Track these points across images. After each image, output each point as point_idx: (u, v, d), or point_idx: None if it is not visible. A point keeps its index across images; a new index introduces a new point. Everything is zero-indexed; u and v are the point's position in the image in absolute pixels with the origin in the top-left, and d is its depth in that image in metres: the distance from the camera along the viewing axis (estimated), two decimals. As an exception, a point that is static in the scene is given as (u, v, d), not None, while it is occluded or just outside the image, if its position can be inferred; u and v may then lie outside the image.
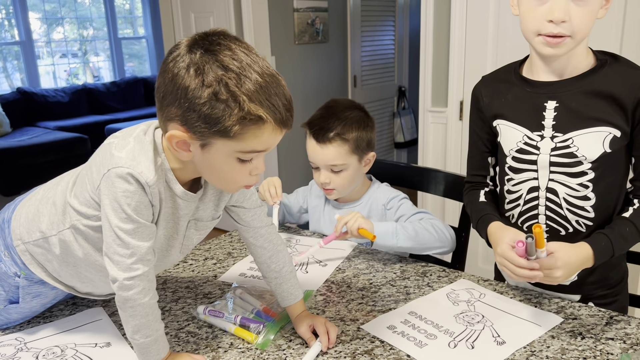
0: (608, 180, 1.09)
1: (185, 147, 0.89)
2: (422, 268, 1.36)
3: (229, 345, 1.06)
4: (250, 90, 0.82)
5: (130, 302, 0.91)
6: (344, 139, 1.45)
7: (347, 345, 1.04)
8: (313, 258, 1.44)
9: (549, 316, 1.10)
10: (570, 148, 1.08)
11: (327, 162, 1.47)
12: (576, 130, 1.07)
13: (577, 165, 1.09)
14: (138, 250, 0.90)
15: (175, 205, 0.98)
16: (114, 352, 1.05)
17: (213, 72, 0.81)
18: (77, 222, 0.98)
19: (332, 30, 4.13)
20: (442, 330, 1.07)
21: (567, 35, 1.00)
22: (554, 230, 1.16)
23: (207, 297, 1.26)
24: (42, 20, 6.94)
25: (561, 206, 1.13)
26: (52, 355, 1.05)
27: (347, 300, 1.22)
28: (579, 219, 1.13)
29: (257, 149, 0.88)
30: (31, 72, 6.64)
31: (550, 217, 1.15)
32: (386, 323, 1.10)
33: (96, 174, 0.92)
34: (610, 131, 1.05)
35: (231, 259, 1.46)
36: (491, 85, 1.21)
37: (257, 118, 0.83)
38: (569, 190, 1.11)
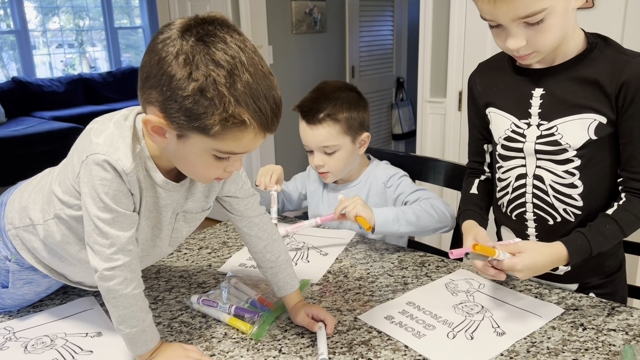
0: (596, 169, 1.07)
1: (161, 133, 0.84)
2: (420, 258, 1.34)
3: (222, 335, 1.03)
4: (239, 92, 0.78)
5: (112, 293, 0.88)
6: (334, 119, 1.43)
7: (344, 336, 1.02)
8: (312, 246, 1.41)
9: (550, 307, 1.08)
10: (555, 136, 1.06)
11: (319, 144, 1.45)
12: (560, 117, 1.05)
13: (562, 152, 1.07)
14: (118, 240, 0.87)
15: (156, 195, 0.94)
16: (104, 342, 1.03)
17: (203, 66, 0.77)
18: (61, 212, 0.95)
19: (330, 20, 4.09)
20: (441, 320, 1.05)
21: (530, 52, 0.99)
22: (542, 219, 1.14)
23: (201, 286, 1.23)
24: (38, 10, 6.87)
25: (548, 194, 1.11)
26: (42, 344, 1.02)
27: (344, 290, 1.19)
28: (567, 207, 1.11)
29: (235, 151, 0.85)
30: (26, 61, 6.59)
31: (537, 206, 1.13)
32: (384, 313, 1.08)
33: (77, 160, 0.88)
34: (595, 118, 1.02)
35: (226, 249, 1.43)
36: (485, 73, 1.20)
37: (240, 122, 0.79)
38: (555, 177, 1.09)
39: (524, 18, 0.93)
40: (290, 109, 1.51)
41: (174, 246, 1.08)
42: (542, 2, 0.91)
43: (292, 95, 3.88)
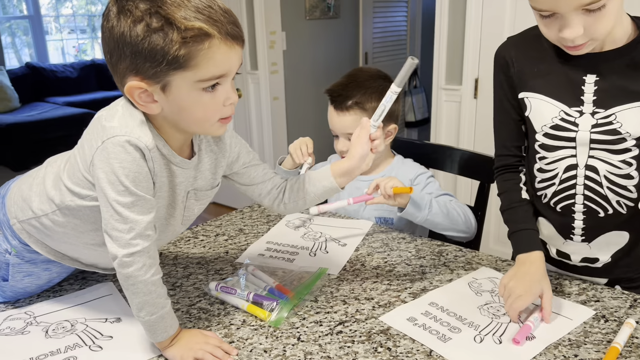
0: None
1: (150, 98, 0.85)
2: (437, 247, 1.33)
3: (241, 322, 1.04)
4: (181, 11, 0.79)
5: (132, 280, 0.88)
6: (362, 108, 1.41)
7: (362, 325, 1.02)
8: (331, 237, 1.40)
9: (579, 308, 1.04)
10: (613, 124, 1.00)
11: (344, 130, 1.44)
12: (619, 105, 0.99)
13: (621, 142, 1.01)
14: (137, 225, 0.87)
15: (171, 173, 0.95)
16: (124, 328, 1.03)
17: (139, 8, 0.79)
18: (72, 203, 0.95)
19: (344, 6, 4.05)
20: (467, 323, 1.01)
21: (587, 41, 0.93)
22: (592, 211, 1.08)
23: (218, 273, 1.23)
24: (51, -5, 6.87)
25: (601, 185, 1.06)
26: (62, 329, 1.03)
27: (361, 279, 1.19)
28: (620, 199, 1.05)
29: (216, 74, 0.84)
30: (40, 47, 6.61)
31: (589, 197, 1.07)
32: (406, 315, 1.04)
33: (88, 149, 0.88)
34: None
35: (243, 235, 1.43)
36: (522, 51, 1.10)
37: (200, 34, 0.79)
38: (610, 167, 1.04)
39: (588, 5, 0.87)
40: (323, 92, 1.50)
41: (186, 225, 1.08)
42: None
43: (305, 81, 3.87)
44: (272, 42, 3.56)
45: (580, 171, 1.07)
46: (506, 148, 1.20)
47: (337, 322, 1.03)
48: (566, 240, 1.15)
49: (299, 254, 1.31)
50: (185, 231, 1.47)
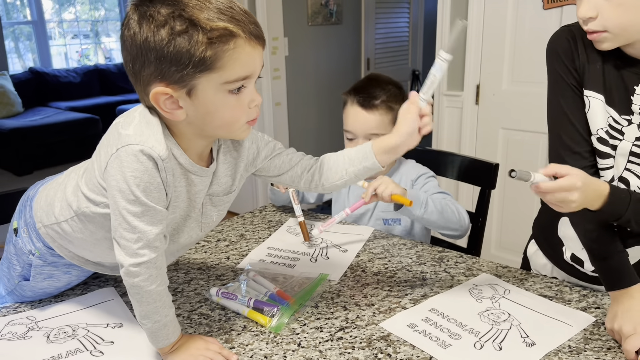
0: None
1: (175, 105, 0.84)
2: (438, 253, 1.33)
3: (242, 328, 1.04)
4: (204, 12, 0.79)
5: (137, 289, 0.89)
6: (389, 107, 1.44)
7: (363, 331, 1.02)
8: (332, 244, 1.41)
9: (579, 315, 1.04)
10: None
11: (369, 130, 1.44)
12: None
13: None
14: (145, 236, 0.87)
15: (189, 182, 0.94)
16: (125, 333, 1.04)
17: (161, 13, 0.79)
18: (87, 209, 0.95)
19: (346, 12, 4.07)
20: (467, 329, 1.01)
21: (601, 30, 0.90)
22: None
23: (219, 279, 1.24)
24: (54, 0, 6.91)
25: None
26: (64, 334, 1.03)
27: (362, 285, 1.19)
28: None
29: (242, 75, 0.83)
30: (43, 52, 6.64)
31: None
32: (406, 321, 1.05)
33: (104, 155, 0.88)
34: None
35: (244, 241, 1.44)
36: (584, 44, 1.00)
37: (225, 34, 0.79)
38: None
39: None
40: (341, 94, 1.52)
41: (205, 231, 1.07)
42: None
43: (307, 86, 3.88)
44: (274, 47, 3.57)
45: (615, 183, 1.03)
46: (586, 143, 1.03)
47: (337, 328, 1.03)
48: None
49: (300, 259, 1.31)
50: (186, 236, 1.48)
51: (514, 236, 2.55)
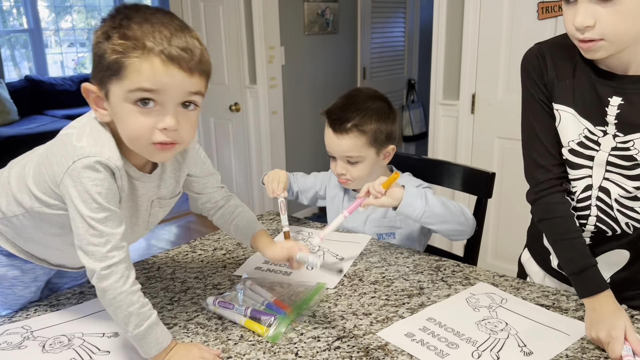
0: None
1: (101, 104, 0.90)
2: (435, 262, 1.33)
3: (239, 338, 1.03)
4: (136, 23, 0.84)
5: (111, 293, 0.90)
6: (361, 130, 1.41)
7: (360, 340, 1.02)
8: (329, 251, 1.40)
9: (576, 324, 1.04)
10: (630, 150, 0.98)
11: (343, 153, 1.44)
12: (638, 132, 0.97)
13: (635, 168, 1.00)
14: (113, 238, 0.90)
15: (132, 187, 0.99)
16: (121, 343, 1.03)
17: (107, 23, 0.86)
18: (39, 209, 0.99)
19: (342, 22, 4.09)
20: (464, 338, 1.01)
21: (597, 39, 0.89)
22: (601, 231, 1.08)
23: (216, 287, 1.23)
24: (51, 9, 6.92)
25: (612, 207, 1.05)
26: (59, 344, 1.03)
27: (359, 294, 1.19)
28: (629, 220, 1.05)
29: (143, 86, 0.84)
30: (39, 60, 6.63)
31: (600, 218, 1.07)
32: (404, 330, 1.04)
33: (57, 167, 0.90)
34: None
35: (241, 250, 1.43)
36: (555, 59, 1.04)
37: (136, 45, 0.82)
38: (622, 192, 1.02)
39: None
40: (319, 113, 1.51)
41: (149, 229, 1.14)
42: None
43: (303, 96, 3.89)
44: (270, 56, 3.58)
45: (594, 192, 1.05)
46: (552, 157, 1.07)
47: (335, 338, 1.03)
48: None
49: (297, 268, 1.31)
50: (183, 245, 1.47)
51: (510, 245, 2.55)
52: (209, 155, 2.41)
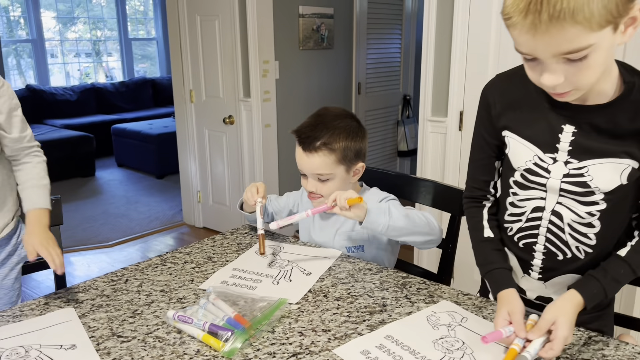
0: (616, 210, 1.03)
1: None
2: (402, 279, 1.34)
3: (195, 352, 1.04)
4: None
5: None
6: (330, 148, 1.43)
7: (315, 357, 1.02)
8: (297, 266, 1.41)
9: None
10: (584, 177, 1.01)
11: (313, 171, 1.45)
12: (593, 159, 0.99)
13: (590, 195, 1.02)
14: None
15: None
16: (78, 355, 1.03)
17: None
18: None
19: (338, 37, 4.12)
20: (419, 357, 1.01)
21: (570, 90, 0.89)
22: (552, 253, 1.11)
23: (180, 301, 1.24)
24: (57, 20, 7.00)
25: (564, 230, 1.07)
26: (16, 355, 1.03)
27: (321, 310, 1.19)
28: (580, 245, 1.07)
29: None
30: (41, 70, 6.70)
31: (550, 240, 1.10)
32: (360, 348, 1.04)
33: None
34: (630, 163, 0.97)
35: (211, 264, 1.44)
36: (505, 92, 1.09)
37: None
38: (575, 217, 1.05)
39: (567, 54, 0.82)
40: (289, 132, 1.53)
41: None
42: (588, 38, 0.80)
43: (297, 111, 3.91)
44: (265, 70, 3.61)
45: (546, 214, 1.08)
46: (476, 181, 1.22)
47: (290, 354, 1.03)
48: (524, 274, 1.17)
49: (262, 281, 1.31)
50: (155, 258, 1.48)
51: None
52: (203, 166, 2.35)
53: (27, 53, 6.77)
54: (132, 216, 4.52)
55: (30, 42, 6.62)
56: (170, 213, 4.58)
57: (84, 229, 4.09)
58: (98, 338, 1.09)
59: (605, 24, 0.79)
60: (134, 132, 5.75)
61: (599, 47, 0.82)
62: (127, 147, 5.86)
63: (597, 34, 0.80)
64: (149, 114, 6.66)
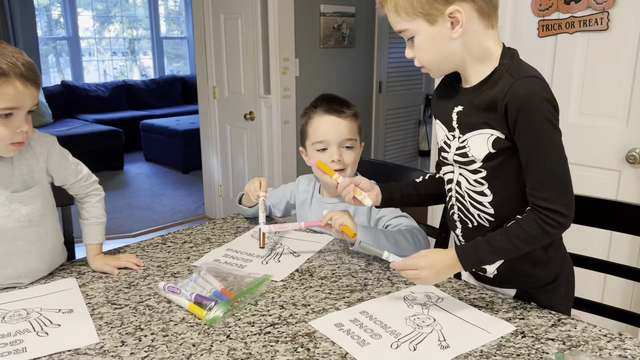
0: (502, 181, 1.13)
1: None
2: (387, 263, 1.38)
3: (180, 320, 1.11)
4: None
5: None
6: (356, 115, 1.56)
7: (291, 327, 1.07)
8: (288, 249, 1.47)
9: (501, 324, 1.08)
10: (465, 148, 1.14)
11: (343, 136, 1.52)
12: (469, 132, 1.13)
13: (471, 164, 1.14)
14: None
15: None
16: (74, 318, 1.12)
17: None
18: None
19: (359, 36, 4.17)
20: (389, 331, 1.06)
21: (421, 66, 1.14)
22: (464, 222, 1.22)
23: (174, 276, 1.31)
24: (95, 19, 7.25)
25: (464, 198, 1.19)
26: (18, 316, 1.12)
27: (305, 287, 1.25)
28: (480, 213, 1.17)
29: (8, 106, 1.12)
30: (76, 67, 6.94)
31: (459, 209, 1.22)
32: (334, 321, 1.10)
33: None
34: (493, 133, 1.09)
35: (208, 244, 1.51)
36: (438, 87, 1.27)
37: None
38: (468, 185, 1.17)
39: (399, 33, 1.11)
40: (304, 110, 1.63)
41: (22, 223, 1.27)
42: (401, 24, 1.09)
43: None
44: (285, 68, 3.68)
45: (453, 185, 1.22)
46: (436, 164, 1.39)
47: (268, 324, 1.09)
48: None
49: (252, 261, 1.38)
50: (156, 238, 1.56)
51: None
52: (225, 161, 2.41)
53: (66, 51, 7.03)
54: (156, 209, 4.66)
55: (67, 39, 6.87)
56: (193, 206, 4.70)
57: (109, 219, 4.20)
58: (94, 305, 1.18)
59: (414, 15, 1.06)
60: (161, 128, 5.91)
61: (419, 33, 1.08)
62: (154, 142, 6.03)
63: (410, 22, 1.07)
64: (178, 111, 6.83)
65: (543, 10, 2.43)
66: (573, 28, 2.32)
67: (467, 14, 1.05)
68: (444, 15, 1.04)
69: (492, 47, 1.10)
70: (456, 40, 1.07)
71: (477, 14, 1.06)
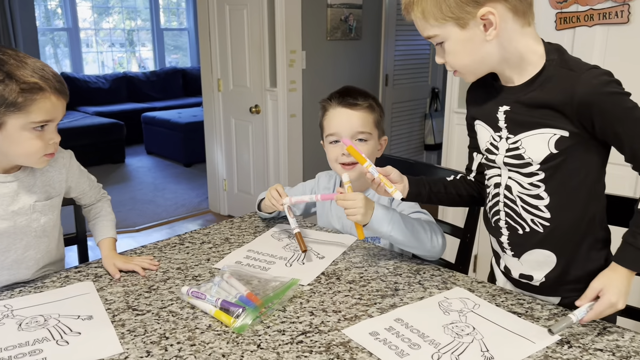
0: (562, 181, 1.08)
1: None
2: (416, 265, 1.33)
3: (206, 327, 1.06)
4: (23, 70, 1.09)
5: None
6: (372, 107, 1.49)
7: (324, 336, 1.02)
8: (311, 250, 1.41)
9: (545, 333, 1.03)
10: (519, 150, 1.09)
11: (356, 129, 1.46)
12: (523, 132, 1.08)
13: (527, 166, 1.09)
14: None
15: None
16: (94, 325, 1.06)
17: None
18: None
19: (366, 28, 4.10)
20: (428, 340, 1.01)
21: (454, 70, 1.11)
22: (513, 228, 1.17)
23: (195, 279, 1.26)
24: (93, 10, 7.14)
25: (516, 204, 1.14)
26: (35, 323, 1.07)
27: (333, 292, 1.20)
28: (534, 218, 1.12)
29: (45, 119, 1.13)
30: (76, 58, 6.84)
31: (508, 214, 1.17)
32: (369, 329, 1.05)
33: None
34: (555, 132, 1.04)
35: (227, 244, 1.46)
36: (473, 89, 1.23)
37: (34, 87, 1.09)
38: (521, 189, 1.12)
39: (428, 39, 1.08)
40: (319, 102, 1.55)
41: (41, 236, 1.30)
42: (429, 30, 1.05)
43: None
44: (291, 60, 3.62)
45: (502, 190, 1.16)
46: (469, 160, 1.36)
47: (299, 332, 1.04)
48: (503, 253, 1.23)
49: (276, 263, 1.33)
50: (173, 238, 1.51)
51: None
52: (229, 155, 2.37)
53: (64, 42, 6.93)
54: (159, 202, 4.60)
55: (66, 30, 6.77)
56: (196, 200, 4.64)
57: (112, 213, 4.18)
58: (114, 310, 1.12)
59: (443, 20, 1.02)
60: (163, 121, 5.84)
61: (449, 38, 1.04)
62: (156, 135, 5.96)
63: (439, 27, 1.03)
64: (179, 103, 6.75)
65: (561, 3, 2.37)
66: (592, 21, 2.27)
67: (500, 15, 1.00)
68: (476, 18, 1.00)
69: (532, 45, 1.06)
70: (490, 42, 1.03)
71: (512, 13, 1.02)
